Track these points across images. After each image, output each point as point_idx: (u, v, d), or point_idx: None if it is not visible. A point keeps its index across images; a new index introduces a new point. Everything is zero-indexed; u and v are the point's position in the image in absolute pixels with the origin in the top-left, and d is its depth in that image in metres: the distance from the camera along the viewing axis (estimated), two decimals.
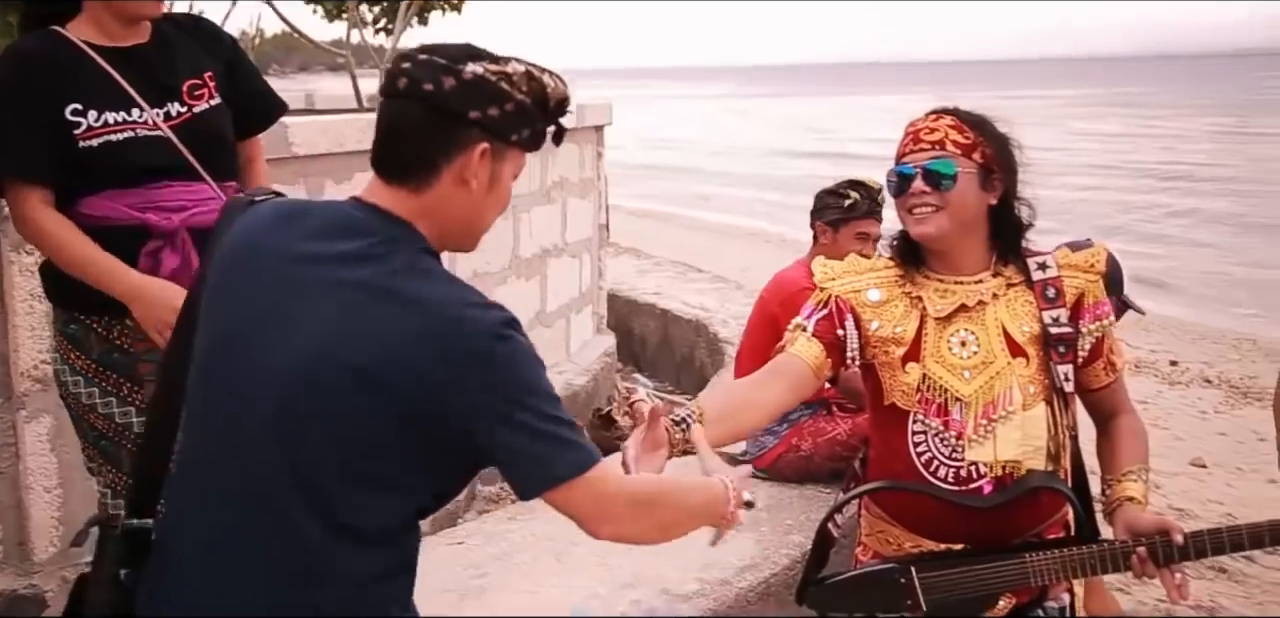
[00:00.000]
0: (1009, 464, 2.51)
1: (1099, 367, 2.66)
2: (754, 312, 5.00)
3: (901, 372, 2.59)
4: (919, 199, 2.53)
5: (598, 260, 7.39)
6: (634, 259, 10.85)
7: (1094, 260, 2.64)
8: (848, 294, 2.65)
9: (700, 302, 8.24)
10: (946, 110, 2.61)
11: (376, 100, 7.13)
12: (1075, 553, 2.49)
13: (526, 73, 1.88)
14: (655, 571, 4.07)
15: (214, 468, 1.85)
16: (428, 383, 1.75)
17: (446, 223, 1.91)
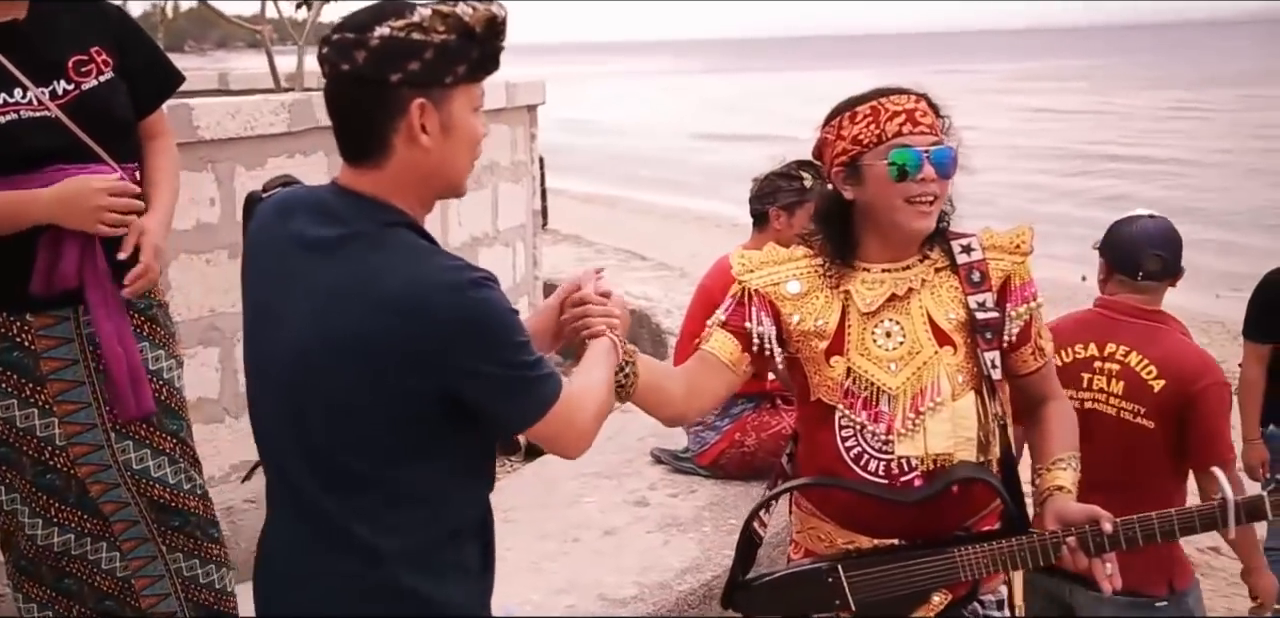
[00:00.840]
0: (940, 457, 2.52)
1: (1027, 351, 2.67)
2: (695, 298, 5.02)
3: (826, 366, 2.59)
4: (926, 188, 2.49)
5: (533, 249, 7.36)
6: (574, 247, 10.85)
7: (1019, 240, 2.65)
8: (766, 287, 2.65)
9: (643, 291, 8.26)
10: (918, 93, 2.58)
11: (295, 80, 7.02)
12: (1005, 546, 2.51)
13: (435, 12, 1.92)
14: (591, 576, 4.08)
15: (265, 448, 2.15)
16: (402, 354, 1.90)
17: (418, 184, 2.01)
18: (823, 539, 2.69)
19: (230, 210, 4.72)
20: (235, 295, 4.72)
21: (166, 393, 3.19)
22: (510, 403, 2.00)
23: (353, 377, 1.93)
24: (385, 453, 1.99)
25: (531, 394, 2.01)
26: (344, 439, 1.98)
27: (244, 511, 4.54)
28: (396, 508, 2.02)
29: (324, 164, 5.09)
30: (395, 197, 1.99)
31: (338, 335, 1.93)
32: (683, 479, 4.92)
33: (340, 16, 2.07)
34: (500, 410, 2.01)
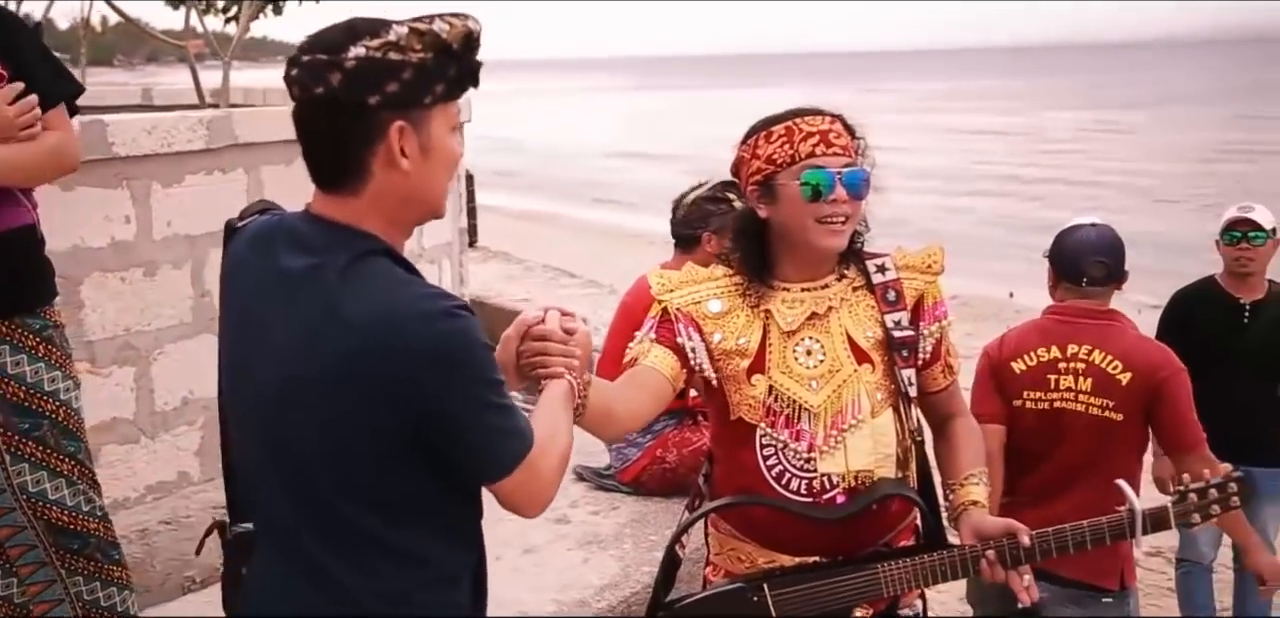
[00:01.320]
0: (861, 474, 2.57)
1: (937, 369, 2.72)
2: (617, 315, 5.04)
3: (747, 384, 2.61)
4: (837, 208, 2.53)
5: (459, 266, 7.37)
6: (503, 264, 10.84)
7: (931, 260, 2.70)
8: (688, 306, 2.66)
9: (571, 309, 8.27)
10: (832, 114, 2.61)
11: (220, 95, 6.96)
12: (925, 560, 2.56)
13: (412, 30, 1.85)
14: (511, 594, 4.09)
15: (248, 487, 2.06)
16: (371, 388, 1.82)
17: (397, 207, 1.92)
18: (743, 560, 2.71)
19: (146, 228, 4.69)
20: (151, 314, 4.71)
21: (63, 414, 3.16)
22: (479, 449, 1.91)
23: (327, 414, 1.85)
24: (364, 495, 1.90)
25: (502, 443, 1.92)
26: (323, 480, 1.90)
27: (159, 532, 4.51)
28: (377, 552, 1.93)
29: (243, 182, 5.08)
30: (372, 222, 1.91)
31: (310, 372, 1.85)
32: (604, 496, 4.95)
33: (264, 35, 2.00)
34: (468, 456, 1.92)
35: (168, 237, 4.79)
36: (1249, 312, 4.66)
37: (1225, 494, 2.65)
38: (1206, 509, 2.64)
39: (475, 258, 9.90)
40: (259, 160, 5.16)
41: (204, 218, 4.92)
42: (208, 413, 4.99)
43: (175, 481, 4.86)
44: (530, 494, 1.98)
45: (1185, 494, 2.63)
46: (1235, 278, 4.68)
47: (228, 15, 10.32)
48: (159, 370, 4.76)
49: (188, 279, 4.88)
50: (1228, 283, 4.73)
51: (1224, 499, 2.65)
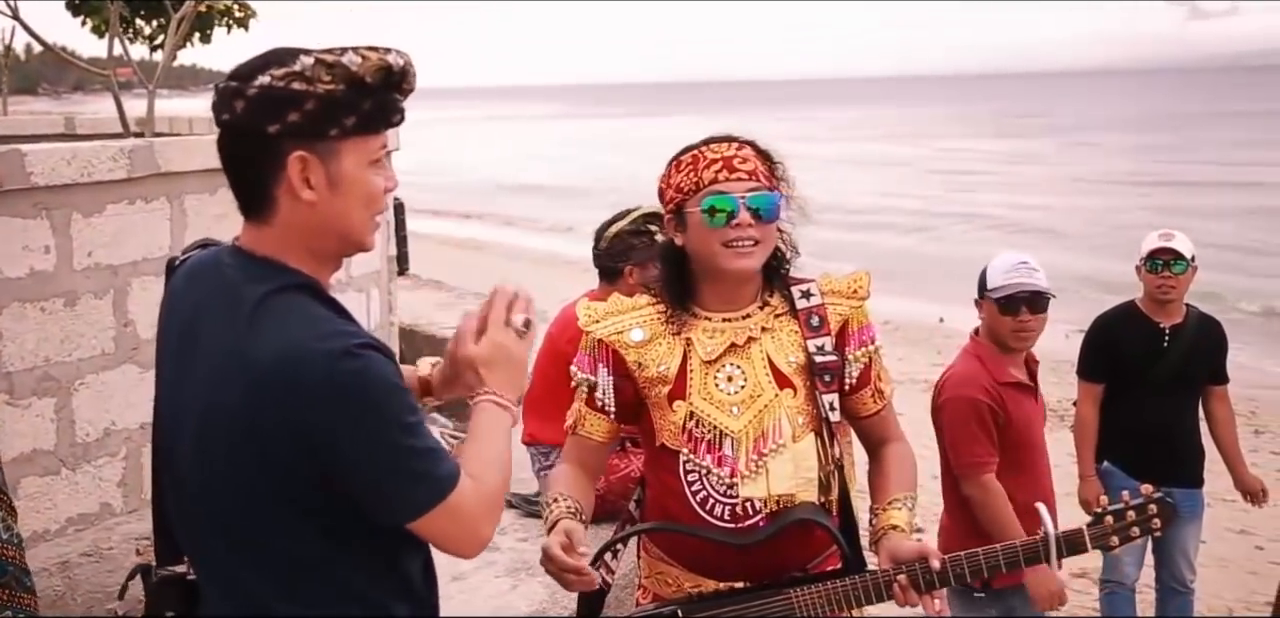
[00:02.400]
0: (783, 498, 2.60)
1: (867, 394, 2.75)
2: (543, 348, 5.05)
3: (669, 410, 2.63)
4: (743, 232, 2.55)
5: (388, 294, 7.35)
6: (435, 291, 10.81)
7: (857, 285, 2.72)
8: (611, 337, 2.69)
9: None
10: (742, 140, 2.64)
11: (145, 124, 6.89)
12: (839, 586, 2.59)
13: (319, 62, 1.84)
14: None
15: (182, 526, 2.03)
16: (277, 428, 1.79)
17: (309, 238, 1.91)
18: (670, 584, 2.74)
19: (66, 258, 4.65)
20: (72, 344, 4.66)
21: None
22: (388, 490, 1.85)
23: (237, 454, 1.83)
24: (283, 530, 1.87)
25: (415, 483, 1.86)
26: (243, 517, 1.88)
27: (80, 565, 4.46)
28: (313, 583, 1.91)
29: (166, 211, 5.05)
30: (291, 254, 1.90)
31: (220, 411, 1.84)
32: (534, 523, 4.96)
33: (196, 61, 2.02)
34: (376, 498, 1.86)
35: (88, 267, 4.75)
36: (1168, 336, 4.79)
37: (1145, 517, 2.64)
38: (1125, 531, 2.63)
39: (406, 286, 9.84)
40: (182, 190, 5.14)
41: (126, 248, 4.88)
42: (130, 444, 4.95)
43: (97, 512, 4.81)
44: (457, 536, 1.92)
45: (1101, 517, 2.64)
46: (1155, 303, 4.81)
47: (154, 43, 10.23)
48: (80, 402, 4.71)
49: (110, 309, 4.84)
50: (1148, 308, 4.86)
51: (1143, 522, 2.64)
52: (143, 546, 4.71)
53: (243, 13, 10.94)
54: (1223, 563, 6.95)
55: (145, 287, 4.97)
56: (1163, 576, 4.96)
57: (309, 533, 1.88)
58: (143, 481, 4.99)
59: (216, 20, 10.51)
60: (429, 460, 1.86)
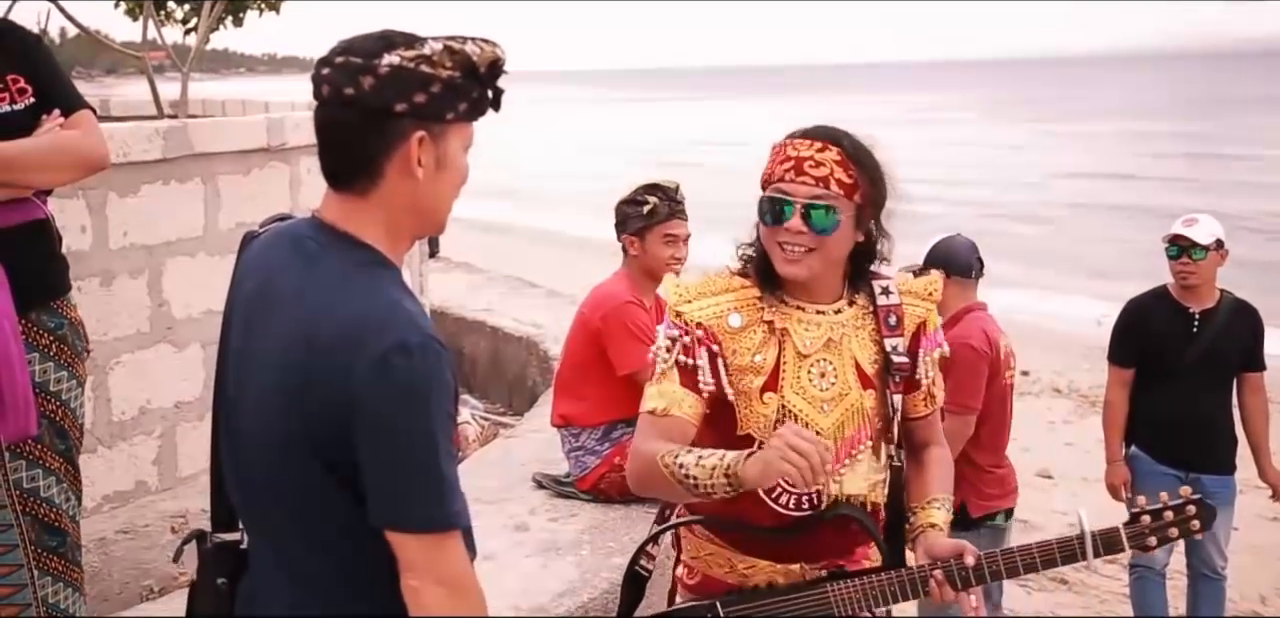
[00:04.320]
0: (853, 498, 2.61)
1: (920, 396, 2.74)
2: (574, 327, 5.08)
3: (758, 402, 2.57)
4: (794, 237, 2.50)
5: (420, 276, 7.41)
6: (466, 274, 10.85)
7: (932, 288, 2.72)
8: (710, 321, 2.59)
9: (532, 318, 8.31)
10: (830, 138, 2.55)
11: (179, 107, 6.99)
12: (874, 581, 2.59)
13: (446, 48, 1.92)
14: None
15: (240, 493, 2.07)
16: (324, 398, 1.83)
17: (403, 215, 1.97)
18: (722, 565, 2.73)
19: (102, 238, 4.71)
20: (108, 323, 4.73)
21: (61, 414, 3.21)
22: (388, 488, 1.85)
23: (294, 421, 1.87)
24: (340, 509, 1.89)
25: (415, 497, 1.85)
26: (300, 490, 1.91)
27: (116, 541, 4.53)
28: (360, 570, 1.93)
29: (200, 193, 5.11)
30: (375, 229, 1.96)
31: (282, 374, 1.89)
32: (564, 504, 4.99)
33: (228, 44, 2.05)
34: (374, 491, 1.86)
35: (124, 246, 4.81)
36: (1198, 321, 4.77)
37: (1183, 518, 2.57)
38: (1162, 532, 2.57)
39: (437, 268, 9.90)
40: (216, 171, 5.20)
41: (161, 228, 4.94)
42: (165, 423, 5.02)
43: (133, 490, 4.87)
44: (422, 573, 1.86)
45: (1138, 516, 2.58)
46: (1183, 289, 4.79)
47: (187, 26, 10.31)
48: (116, 380, 4.78)
49: (145, 289, 4.90)
50: (1178, 292, 4.84)
51: (1182, 523, 2.57)
52: (177, 523, 4.77)
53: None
54: (1256, 551, 6.91)
55: (180, 266, 5.03)
56: (1194, 562, 4.94)
57: (357, 511, 1.90)
58: (177, 459, 5.06)
59: (249, 3, 10.56)
60: (441, 487, 1.86)
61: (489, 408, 8.02)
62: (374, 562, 1.93)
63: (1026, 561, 2.57)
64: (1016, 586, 6.31)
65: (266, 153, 5.49)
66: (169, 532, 4.71)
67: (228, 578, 2.14)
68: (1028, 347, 13.22)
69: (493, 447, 6.08)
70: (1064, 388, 11.23)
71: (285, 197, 5.61)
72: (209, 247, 5.16)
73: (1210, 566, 4.87)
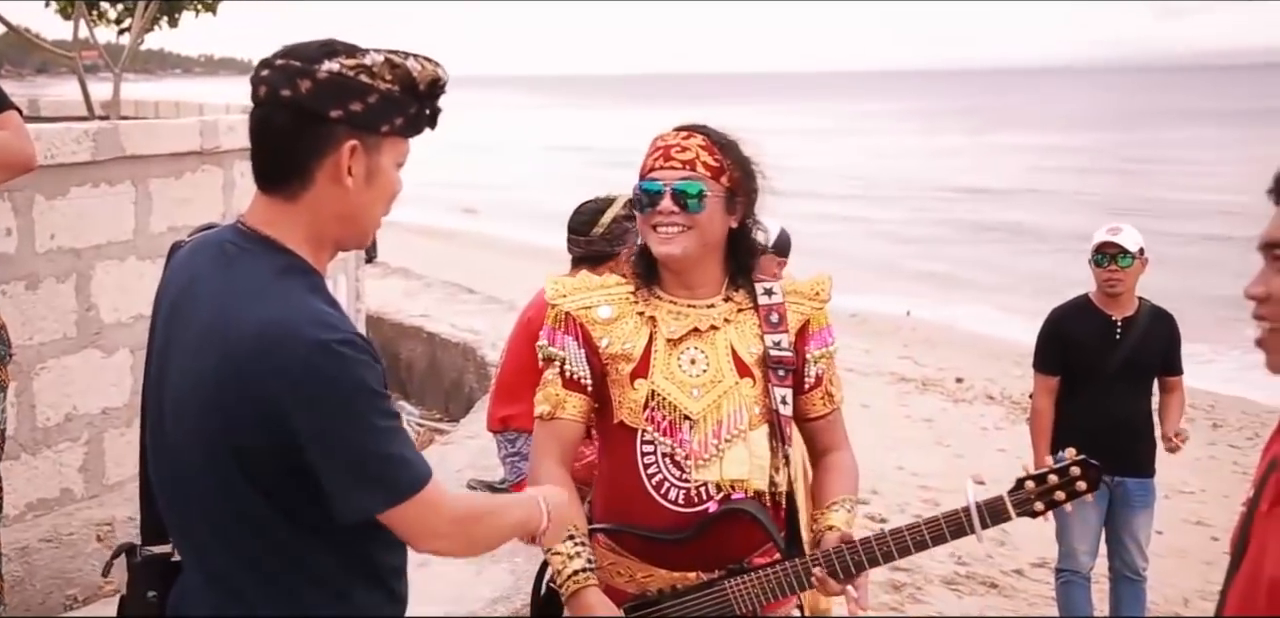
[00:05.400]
0: (737, 483, 2.64)
1: (817, 396, 2.79)
2: (517, 330, 5.05)
3: (630, 388, 2.66)
4: (667, 218, 2.61)
5: (356, 281, 7.36)
6: (403, 279, 10.81)
7: (819, 288, 2.77)
8: (578, 311, 2.72)
9: (470, 324, 8.30)
10: (697, 128, 2.70)
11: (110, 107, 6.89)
12: (768, 575, 2.63)
13: (387, 61, 1.94)
14: None
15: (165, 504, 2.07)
16: (249, 403, 1.85)
17: (329, 223, 1.99)
18: (623, 575, 2.76)
19: (29, 241, 4.63)
20: (33, 327, 4.65)
21: None
22: (343, 487, 1.89)
23: (210, 424, 1.90)
24: (258, 514, 1.92)
25: (370, 486, 1.90)
26: (220, 496, 1.93)
27: (40, 550, 4.46)
28: (280, 575, 1.96)
29: (131, 195, 5.04)
30: (299, 235, 1.97)
31: (197, 380, 1.90)
32: None
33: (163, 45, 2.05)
34: (332, 493, 1.90)
35: (51, 250, 4.74)
36: (1120, 328, 4.88)
37: (1069, 480, 2.57)
38: (1048, 496, 2.58)
39: (374, 274, 9.85)
40: (148, 173, 5.14)
41: (89, 231, 4.88)
42: (92, 429, 4.95)
43: (57, 498, 4.80)
44: (415, 529, 1.98)
45: (1022, 482, 2.59)
46: (1105, 296, 4.90)
47: (121, 26, 10.16)
48: (41, 386, 4.71)
49: (72, 293, 4.83)
50: (1099, 301, 4.94)
51: (1068, 485, 2.57)
52: (103, 531, 4.71)
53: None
54: (1180, 554, 7.05)
55: (108, 271, 4.96)
56: (1116, 564, 5.04)
57: (275, 515, 1.92)
58: (104, 466, 4.99)
59: (185, 3, 10.42)
60: (392, 462, 1.91)
61: (425, 414, 7.99)
62: (290, 565, 1.95)
63: (916, 539, 2.59)
64: (947, 589, 6.39)
65: (199, 156, 5.43)
66: (94, 540, 4.64)
67: (158, 591, 2.13)
68: (962, 354, 13.48)
69: (428, 453, 6.05)
70: (996, 395, 11.38)
71: (218, 201, 5.55)
72: (139, 250, 5.10)
73: (1132, 568, 4.97)
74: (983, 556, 6.78)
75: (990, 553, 6.84)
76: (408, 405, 8.00)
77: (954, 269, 19.99)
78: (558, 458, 2.73)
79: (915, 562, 6.42)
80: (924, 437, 9.87)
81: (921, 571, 6.46)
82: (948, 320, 15.74)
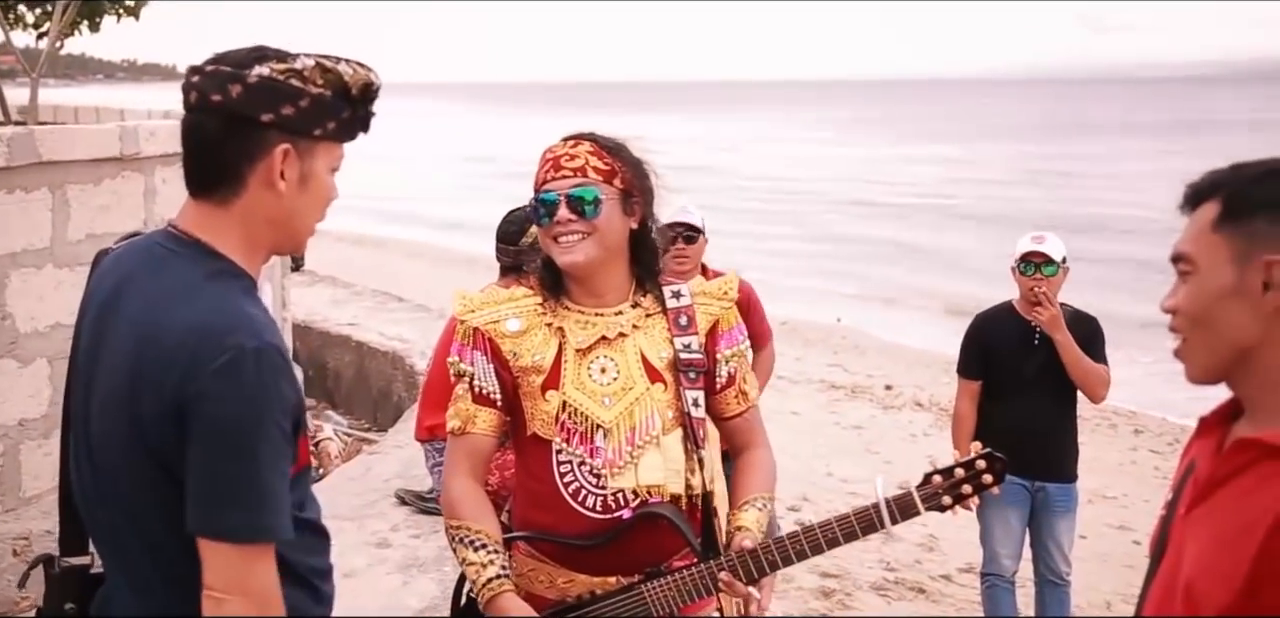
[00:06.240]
0: (653, 488, 2.64)
1: (730, 394, 2.79)
2: (444, 340, 5.04)
3: (542, 400, 2.65)
4: (566, 227, 2.61)
5: (282, 288, 7.28)
6: (330, 288, 10.71)
7: (727, 288, 2.79)
8: (486, 326, 2.70)
9: (398, 333, 8.25)
10: (584, 136, 2.71)
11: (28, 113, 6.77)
12: (687, 576, 2.63)
13: (318, 65, 1.94)
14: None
15: (87, 508, 2.03)
16: (153, 405, 1.84)
17: (262, 227, 1.97)
18: (543, 581, 2.75)
19: None
20: None
21: None
22: (199, 493, 1.83)
23: (125, 426, 1.88)
24: (175, 519, 1.86)
25: (224, 505, 1.83)
26: (139, 502, 1.91)
27: None
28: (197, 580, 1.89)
29: (47, 202, 4.95)
30: (231, 239, 1.96)
31: (117, 379, 1.89)
32: (427, 520, 4.97)
33: (85, 50, 2.01)
34: (190, 494, 1.84)
35: None
36: (1039, 335, 4.95)
37: (975, 474, 2.59)
38: (955, 490, 2.59)
39: (301, 282, 9.75)
40: (65, 179, 5.04)
41: (4, 238, 4.79)
42: (7, 441, 4.85)
43: None
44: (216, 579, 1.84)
45: (930, 477, 2.61)
46: (1029, 304, 4.97)
47: (39, 30, 9.98)
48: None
49: None
50: (1022, 308, 5.02)
51: (974, 479, 2.58)
52: (20, 545, 4.61)
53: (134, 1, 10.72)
54: (1103, 558, 7.18)
55: (25, 279, 4.87)
56: (1041, 569, 5.11)
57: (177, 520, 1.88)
58: (21, 479, 4.89)
59: (106, 7, 10.27)
60: (261, 497, 1.84)
61: (353, 424, 7.92)
62: None
63: (828, 536, 2.60)
64: (876, 595, 6.46)
65: (119, 162, 5.35)
66: (10, 554, 4.54)
67: (76, 603, 2.11)
68: (891, 362, 13.65)
69: (355, 463, 6.01)
70: (925, 402, 11.52)
71: (139, 207, 5.46)
72: (57, 259, 5.00)
73: (1056, 572, 5.05)
74: (911, 562, 6.87)
75: (918, 559, 6.92)
76: (335, 415, 7.94)
77: (884, 277, 20.22)
78: (468, 472, 2.72)
79: (844, 567, 6.48)
80: (854, 444, 9.97)
81: (850, 576, 6.52)
82: (877, 328, 15.93)
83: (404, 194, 34.10)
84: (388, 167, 40.02)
